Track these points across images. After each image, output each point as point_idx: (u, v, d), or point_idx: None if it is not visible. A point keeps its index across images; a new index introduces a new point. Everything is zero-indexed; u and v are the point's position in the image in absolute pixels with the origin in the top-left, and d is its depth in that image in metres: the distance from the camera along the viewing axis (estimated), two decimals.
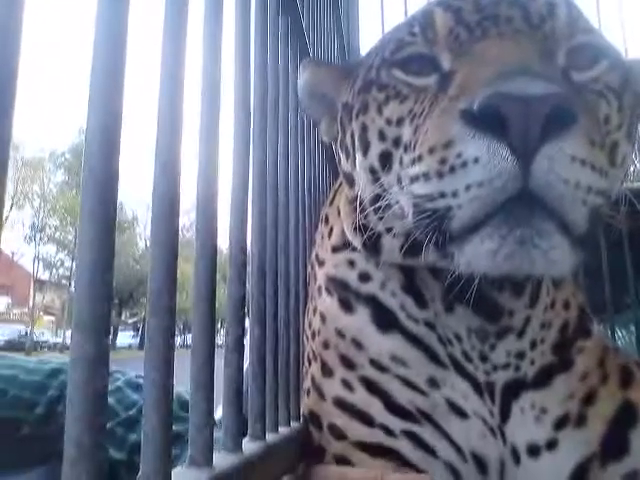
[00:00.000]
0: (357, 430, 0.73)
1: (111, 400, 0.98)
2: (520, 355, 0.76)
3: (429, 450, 0.71)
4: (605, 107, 0.65)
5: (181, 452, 0.87)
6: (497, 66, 0.58)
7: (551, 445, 0.73)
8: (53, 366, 1.03)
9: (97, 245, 0.25)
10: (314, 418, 0.78)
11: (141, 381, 1.08)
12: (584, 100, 0.62)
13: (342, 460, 0.73)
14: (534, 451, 0.72)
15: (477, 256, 0.57)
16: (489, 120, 0.53)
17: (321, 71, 0.86)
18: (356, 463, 0.72)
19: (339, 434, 0.74)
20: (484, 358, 0.75)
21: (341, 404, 0.76)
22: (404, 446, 0.71)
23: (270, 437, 0.57)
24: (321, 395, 0.78)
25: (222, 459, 0.43)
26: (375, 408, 0.74)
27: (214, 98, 0.46)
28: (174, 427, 0.94)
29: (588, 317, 0.84)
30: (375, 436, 0.72)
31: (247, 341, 0.58)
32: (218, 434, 0.48)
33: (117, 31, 0.30)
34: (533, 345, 0.77)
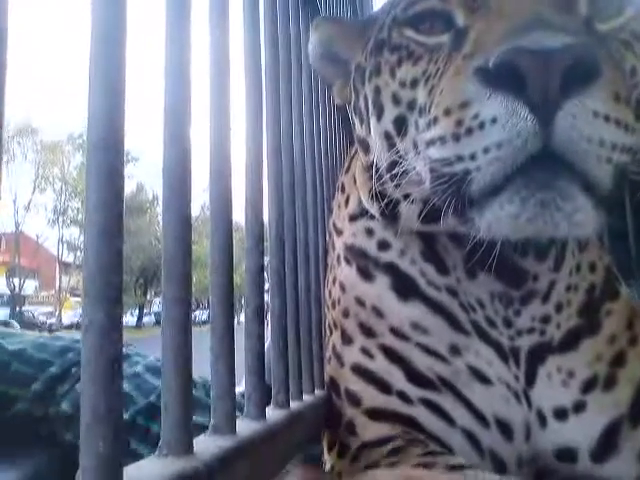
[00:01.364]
0: (373, 397, 0.73)
1: (129, 387, 0.94)
2: (545, 319, 0.75)
3: (447, 418, 0.71)
4: (631, 58, 0.62)
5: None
6: (513, 20, 0.56)
7: (578, 407, 0.72)
8: (65, 343, 1.00)
9: (105, 211, 0.24)
10: (333, 384, 0.78)
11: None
12: (608, 52, 0.59)
13: (350, 427, 0.73)
14: (561, 414, 0.71)
15: (498, 220, 0.55)
16: (506, 77, 0.51)
17: (334, 29, 0.83)
18: (359, 427, 0.72)
19: (354, 400, 0.74)
20: (508, 323, 0.74)
21: (359, 370, 0.75)
22: (421, 414, 0.71)
23: (294, 405, 0.57)
24: (340, 362, 0.78)
25: (246, 426, 0.42)
26: (394, 376, 0.73)
27: (224, 65, 0.45)
28: (200, 418, 0.91)
29: (615, 279, 0.83)
30: (391, 403, 0.72)
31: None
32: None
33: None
34: (559, 309, 0.76)
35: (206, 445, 0.35)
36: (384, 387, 0.73)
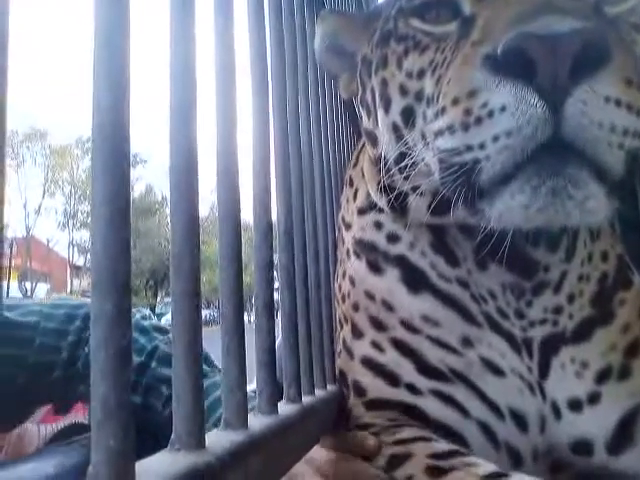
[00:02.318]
0: (379, 389, 0.73)
1: None
2: (557, 310, 0.74)
3: (460, 409, 0.70)
4: None
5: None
6: (521, 6, 0.55)
7: (593, 399, 0.71)
8: (67, 311, 1.10)
9: (111, 201, 0.24)
10: (343, 377, 0.78)
11: (146, 323, 1.12)
12: (618, 36, 0.58)
13: (347, 414, 0.73)
14: (575, 405, 0.71)
15: (509, 210, 0.55)
16: (514, 64, 0.51)
17: (339, 22, 0.83)
18: (354, 415, 0.73)
19: (359, 392, 0.74)
20: (520, 314, 0.73)
21: (369, 364, 0.75)
22: (429, 404, 0.71)
23: (306, 400, 0.57)
24: (350, 355, 0.78)
25: (258, 421, 0.42)
26: (405, 369, 0.73)
27: (229, 62, 0.44)
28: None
29: (628, 267, 0.82)
30: (397, 395, 0.72)
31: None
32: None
33: None
34: (571, 299, 0.75)
35: (218, 439, 0.35)
36: (392, 380, 0.73)
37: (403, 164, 0.68)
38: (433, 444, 0.65)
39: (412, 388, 0.72)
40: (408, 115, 0.67)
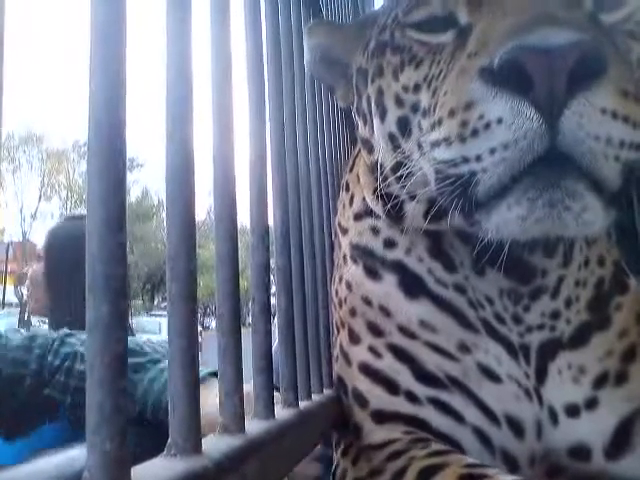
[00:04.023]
0: (380, 398, 0.72)
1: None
2: (555, 315, 0.74)
3: (456, 417, 0.70)
4: (638, 48, 0.61)
5: (143, 376, 1.07)
6: (517, 17, 0.55)
7: (590, 404, 0.71)
8: (25, 334, 1.21)
9: (107, 204, 0.24)
10: (341, 383, 0.78)
11: None
12: (615, 47, 0.58)
13: (357, 429, 0.73)
14: (573, 411, 0.70)
15: (505, 222, 0.55)
16: (510, 77, 0.51)
17: (330, 34, 0.82)
18: (365, 430, 0.72)
19: (361, 402, 0.74)
20: (518, 320, 0.73)
21: (367, 370, 0.75)
22: (429, 413, 0.70)
23: (303, 404, 0.57)
24: (348, 361, 0.77)
25: (255, 426, 0.42)
26: (402, 375, 0.72)
27: (225, 65, 0.44)
28: (135, 359, 1.10)
29: (624, 272, 0.82)
30: (395, 404, 0.71)
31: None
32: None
33: None
34: (568, 304, 0.75)
35: (215, 444, 0.35)
36: (391, 387, 0.72)
37: (400, 173, 0.68)
38: (465, 456, 0.64)
39: (411, 396, 0.71)
40: (404, 125, 0.67)
